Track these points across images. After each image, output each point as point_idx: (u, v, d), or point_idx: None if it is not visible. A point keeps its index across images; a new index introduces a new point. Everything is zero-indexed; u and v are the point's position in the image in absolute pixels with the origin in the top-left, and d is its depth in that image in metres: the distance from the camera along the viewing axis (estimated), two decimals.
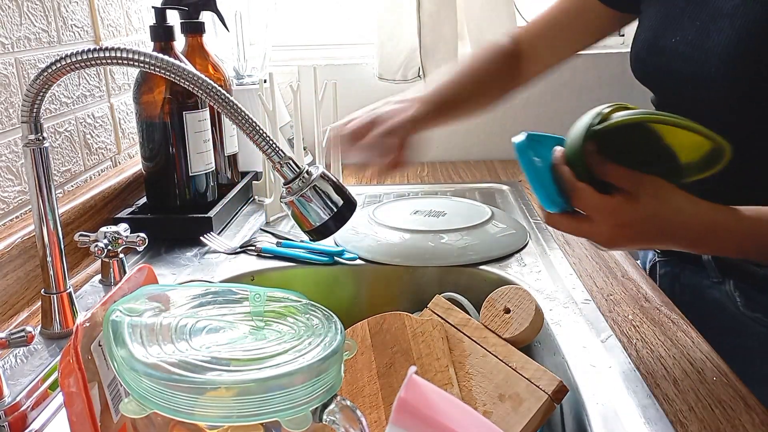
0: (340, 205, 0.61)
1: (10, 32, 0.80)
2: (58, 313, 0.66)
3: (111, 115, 1.06)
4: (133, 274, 0.52)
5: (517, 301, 0.65)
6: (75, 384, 0.44)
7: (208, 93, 0.55)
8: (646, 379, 0.59)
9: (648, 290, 0.76)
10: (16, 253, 0.74)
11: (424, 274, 0.84)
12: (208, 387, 0.38)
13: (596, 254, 0.87)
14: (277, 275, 0.86)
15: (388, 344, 0.67)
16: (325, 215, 0.61)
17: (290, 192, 0.60)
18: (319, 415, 0.42)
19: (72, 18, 0.95)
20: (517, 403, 0.58)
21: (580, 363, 0.62)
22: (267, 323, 0.46)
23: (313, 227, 0.62)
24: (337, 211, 0.61)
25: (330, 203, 0.61)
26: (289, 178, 0.60)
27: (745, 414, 0.54)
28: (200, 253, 0.90)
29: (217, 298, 0.49)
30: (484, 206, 0.97)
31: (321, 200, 0.61)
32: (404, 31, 1.32)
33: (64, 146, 0.92)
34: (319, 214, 0.61)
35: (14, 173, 0.80)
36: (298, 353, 0.41)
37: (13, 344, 0.53)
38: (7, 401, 0.54)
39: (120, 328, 0.43)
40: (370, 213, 0.94)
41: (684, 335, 0.66)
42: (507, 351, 0.62)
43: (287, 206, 0.62)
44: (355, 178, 1.29)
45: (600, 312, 0.71)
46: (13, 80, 0.80)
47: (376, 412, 0.63)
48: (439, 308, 0.69)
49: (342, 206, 0.62)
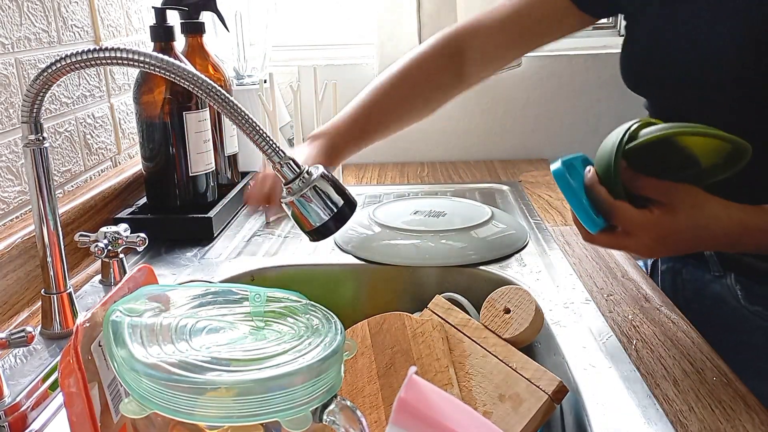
0: (341, 205, 0.61)
1: (10, 32, 0.80)
2: (58, 314, 0.66)
3: (111, 116, 1.06)
4: (133, 274, 0.52)
5: (517, 301, 0.65)
6: (75, 384, 0.44)
7: (208, 93, 0.55)
8: (646, 380, 0.59)
9: (648, 290, 0.76)
10: (16, 253, 0.74)
11: (425, 274, 0.84)
12: (208, 387, 0.38)
13: (596, 254, 0.87)
14: (276, 275, 0.86)
15: (388, 344, 0.67)
16: (326, 215, 0.61)
17: (290, 192, 0.60)
18: (319, 415, 0.42)
19: (72, 18, 0.95)
20: (517, 403, 0.58)
21: (580, 363, 0.62)
22: (267, 323, 0.46)
23: (314, 227, 0.62)
24: (338, 211, 0.61)
25: (330, 203, 0.61)
26: (290, 178, 0.60)
27: (745, 414, 0.54)
28: (200, 254, 0.90)
29: (217, 299, 0.49)
30: (484, 206, 0.97)
31: (321, 200, 0.60)
32: (404, 31, 1.32)
33: (64, 146, 0.92)
34: (320, 214, 0.61)
35: (14, 173, 0.80)
36: (298, 353, 0.41)
37: (14, 344, 0.53)
38: (7, 401, 0.54)
39: (120, 329, 0.43)
40: (370, 213, 0.94)
41: (684, 335, 0.66)
42: (507, 351, 0.62)
43: (287, 207, 0.62)
44: (355, 177, 1.29)
45: (600, 312, 0.71)
46: (13, 80, 0.80)
47: (376, 412, 0.63)
48: (439, 308, 0.69)
49: (342, 206, 0.61)
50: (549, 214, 1.04)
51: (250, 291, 0.49)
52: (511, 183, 1.22)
